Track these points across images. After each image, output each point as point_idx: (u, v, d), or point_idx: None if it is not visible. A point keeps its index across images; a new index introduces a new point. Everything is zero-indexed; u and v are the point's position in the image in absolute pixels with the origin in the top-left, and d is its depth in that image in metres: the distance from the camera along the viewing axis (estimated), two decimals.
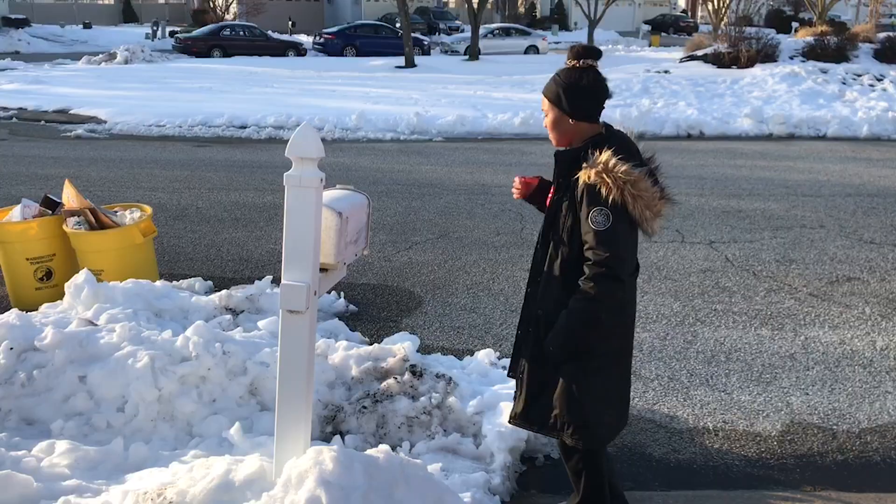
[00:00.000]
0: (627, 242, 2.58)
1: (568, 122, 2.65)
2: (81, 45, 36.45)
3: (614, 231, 2.50)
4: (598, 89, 2.64)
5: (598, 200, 2.50)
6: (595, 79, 2.63)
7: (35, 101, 16.83)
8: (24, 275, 5.30)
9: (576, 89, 2.61)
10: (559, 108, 2.65)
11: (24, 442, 3.36)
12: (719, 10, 35.24)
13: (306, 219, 2.53)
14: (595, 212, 2.50)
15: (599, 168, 2.49)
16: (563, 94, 2.63)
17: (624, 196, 2.48)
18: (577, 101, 2.62)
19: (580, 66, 2.63)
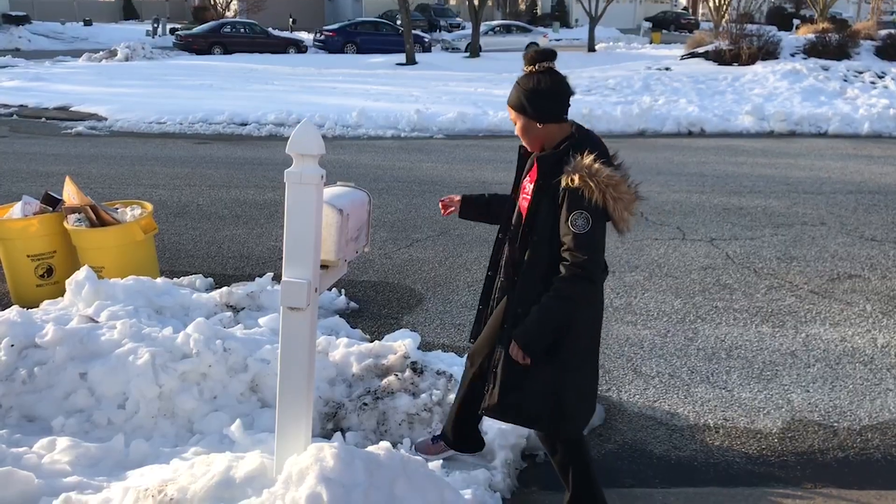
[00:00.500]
0: (602, 245, 2.67)
1: (536, 126, 2.72)
2: (82, 42, 36.46)
3: (593, 235, 2.59)
4: (559, 90, 2.69)
5: (579, 204, 2.57)
6: (554, 80, 2.69)
7: (36, 98, 16.83)
8: (24, 272, 5.30)
9: (537, 93, 2.67)
10: (525, 114, 2.71)
11: (25, 439, 3.37)
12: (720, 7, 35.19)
13: (307, 216, 2.53)
14: (575, 215, 2.57)
15: (584, 173, 2.55)
16: (525, 101, 2.69)
17: (606, 199, 2.56)
18: (540, 104, 2.68)
19: (538, 70, 2.69)
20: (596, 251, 2.62)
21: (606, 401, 4.20)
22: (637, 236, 7.24)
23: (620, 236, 2.78)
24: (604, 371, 4.53)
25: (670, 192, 9.05)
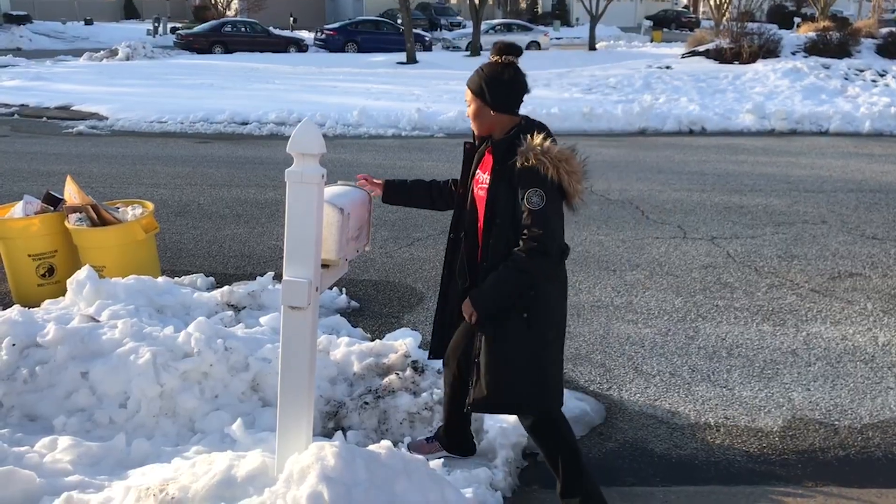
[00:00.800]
0: (559, 221, 2.78)
1: (489, 112, 2.85)
2: (83, 41, 36.47)
3: (547, 211, 2.71)
4: (518, 84, 2.84)
5: (534, 182, 2.70)
6: (515, 73, 2.83)
7: (37, 97, 16.84)
8: (26, 271, 5.30)
9: (497, 82, 2.81)
10: (482, 99, 2.84)
11: (26, 438, 3.37)
12: (721, 6, 35.14)
13: (308, 215, 2.53)
14: (531, 192, 2.70)
15: (537, 151, 2.70)
16: (485, 87, 2.82)
17: (560, 174, 2.70)
18: (498, 93, 2.82)
19: (502, 62, 2.83)
20: (551, 226, 2.72)
21: (607, 399, 4.20)
22: (638, 235, 7.24)
23: (574, 214, 2.90)
24: (605, 370, 4.54)
25: (671, 191, 9.05)
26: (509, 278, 2.77)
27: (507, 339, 2.85)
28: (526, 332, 2.83)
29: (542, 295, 2.84)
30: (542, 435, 3.03)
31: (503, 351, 2.86)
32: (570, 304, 5.49)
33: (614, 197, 8.73)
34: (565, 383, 4.29)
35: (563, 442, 3.02)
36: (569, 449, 3.02)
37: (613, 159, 11.10)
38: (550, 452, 3.04)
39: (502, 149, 2.81)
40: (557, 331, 2.95)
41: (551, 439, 3.02)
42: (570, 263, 6.33)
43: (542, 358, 2.88)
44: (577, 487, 3.04)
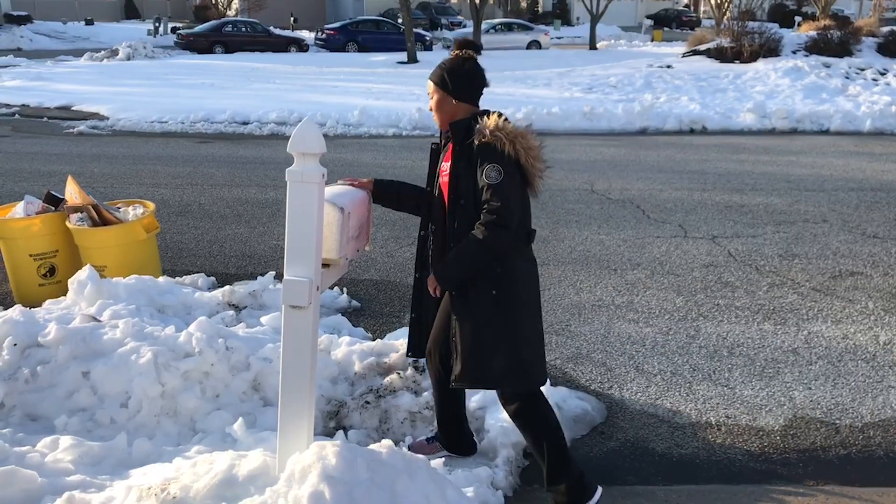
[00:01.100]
0: (517, 195, 2.86)
1: (451, 102, 2.99)
2: (83, 41, 36.49)
3: (505, 185, 2.81)
4: (477, 75, 3.02)
5: (491, 157, 2.83)
6: (475, 66, 3.02)
7: (37, 97, 16.85)
8: (27, 271, 5.31)
9: (458, 73, 2.98)
10: (444, 89, 2.99)
11: (28, 437, 3.37)
12: (722, 5, 35.12)
13: (308, 214, 2.53)
14: (489, 168, 2.82)
15: (492, 127, 2.84)
16: (447, 77, 2.98)
17: (516, 149, 2.82)
18: (459, 82, 2.97)
19: (462, 55, 3.00)
20: (509, 200, 2.81)
21: (609, 398, 4.20)
22: (638, 234, 7.24)
23: (536, 197, 3.00)
24: (606, 369, 4.54)
25: (672, 190, 9.04)
26: (469, 250, 2.86)
27: (477, 317, 2.94)
28: (495, 309, 2.92)
29: (510, 272, 2.92)
30: (525, 420, 3.08)
31: (474, 328, 2.94)
32: (571, 303, 5.53)
33: (615, 196, 8.73)
34: (566, 382, 4.31)
35: (547, 428, 3.07)
36: (553, 435, 3.07)
37: (614, 158, 11.09)
38: (536, 438, 3.08)
39: (461, 128, 2.95)
40: (529, 310, 3.00)
41: (535, 424, 3.07)
42: (570, 263, 6.38)
43: (515, 335, 2.94)
44: (563, 474, 3.08)
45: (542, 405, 3.10)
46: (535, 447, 3.10)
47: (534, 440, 3.09)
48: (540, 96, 17.04)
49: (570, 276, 6.09)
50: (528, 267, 3.02)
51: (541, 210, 8.01)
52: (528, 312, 2.99)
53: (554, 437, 3.07)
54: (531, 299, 3.02)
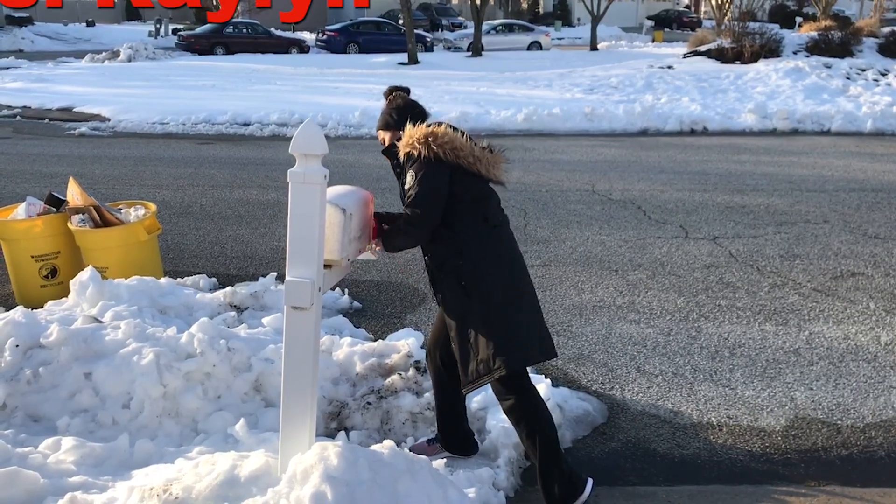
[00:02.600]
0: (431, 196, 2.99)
1: (399, 133, 3.15)
2: (84, 43, 36.52)
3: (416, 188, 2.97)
4: (414, 106, 3.26)
5: (409, 165, 3.03)
6: (408, 101, 3.29)
7: (39, 99, 16.87)
8: (29, 272, 5.31)
9: (396, 109, 3.24)
10: (390, 128, 3.22)
11: (30, 438, 3.38)
12: (723, 6, 35.12)
13: (310, 215, 2.54)
14: (407, 177, 3.04)
15: (406, 139, 3.03)
16: (389, 117, 3.24)
17: (432, 149, 2.97)
18: (400, 116, 3.19)
19: (394, 97, 3.30)
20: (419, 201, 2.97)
21: (610, 399, 4.21)
22: (640, 235, 7.24)
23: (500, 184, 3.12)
24: (607, 369, 4.54)
25: (673, 191, 9.04)
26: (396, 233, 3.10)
27: (457, 311, 3.08)
28: (466, 298, 3.04)
29: (471, 263, 3.05)
30: (518, 414, 3.11)
31: (458, 325, 3.08)
32: (572, 303, 5.53)
33: (616, 197, 8.73)
34: (568, 383, 4.32)
35: (539, 421, 3.10)
36: (545, 429, 3.10)
37: (615, 159, 11.10)
38: (529, 432, 3.10)
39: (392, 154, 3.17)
40: (504, 295, 3.06)
41: (527, 417, 3.09)
42: (571, 263, 6.38)
43: (495, 319, 3.03)
44: (555, 467, 3.10)
45: (534, 399, 3.14)
46: (527, 441, 3.13)
47: (527, 434, 3.11)
48: (541, 97, 17.04)
49: (571, 277, 6.09)
50: (493, 251, 3.09)
51: (542, 211, 8.02)
52: (500, 298, 3.05)
53: (545, 431, 3.10)
54: (502, 282, 3.08)
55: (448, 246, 3.07)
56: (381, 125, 3.27)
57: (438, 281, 3.15)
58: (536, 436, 3.09)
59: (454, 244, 3.06)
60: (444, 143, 2.98)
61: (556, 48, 35.65)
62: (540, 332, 3.15)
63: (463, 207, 3.03)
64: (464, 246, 3.05)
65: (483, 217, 3.08)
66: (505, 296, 3.06)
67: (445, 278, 3.09)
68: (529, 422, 3.10)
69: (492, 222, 3.11)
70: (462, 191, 3.02)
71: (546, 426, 3.12)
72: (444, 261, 3.09)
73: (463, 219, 3.04)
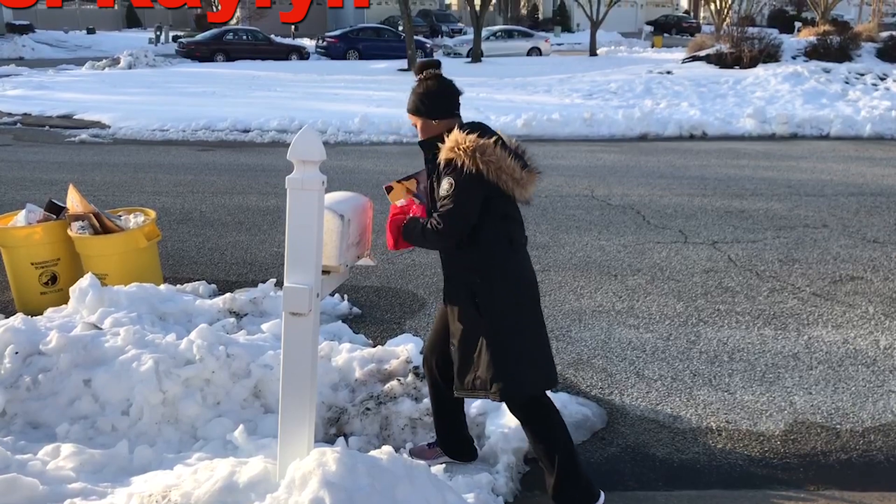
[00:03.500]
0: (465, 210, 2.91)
1: (432, 123, 3.06)
2: (85, 50, 36.53)
3: (453, 198, 2.88)
4: (447, 90, 3.08)
5: (448, 171, 2.90)
6: (441, 83, 3.08)
7: (39, 106, 16.88)
8: (28, 279, 5.32)
9: (428, 95, 3.06)
10: (420, 115, 3.07)
11: (29, 445, 3.38)
12: (722, 11, 35.22)
13: (308, 221, 2.55)
14: (444, 181, 2.91)
15: (451, 144, 2.89)
16: (419, 103, 3.07)
17: (477, 164, 2.85)
18: (432, 104, 3.05)
19: (426, 77, 3.09)
20: (452, 213, 2.89)
21: (609, 404, 4.21)
22: (639, 240, 7.24)
23: (527, 204, 3.04)
24: (606, 374, 4.54)
25: (672, 196, 9.06)
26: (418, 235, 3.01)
27: (465, 326, 3.03)
28: (478, 317, 2.99)
29: (487, 282, 2.98)
30: (533, 430, 3.10)
31: (463, 336, 3.04)
32: (572, 308, 5.53)
33: (615, 202, 8.74)
34: (567, 388, 4.32)
35: (556, 440, 3.06)
36: (564, 448, 3.07)
37: (614, 164, 11.11)
38: (546, 450, 3.07)
39: (429, 147, 3.03)
40: (516, 318, 3.01)
41: (543, 434, 3.07)
42: (570, 268, 6.39)
43: (501, 342, 2.98)
44: (572, 486, 3.07)
45: (550, 415, 3.09)
46: (545, 459, 3.08)
47: (545, 452, 3.07)
48: (540, 102, 17.07)
49: (570, 282, 6.09)
50: (512, 273, 3.02)
51: (541, 216, 8.03)
52: (512, 321, 3.00)
53: (564, 450, 3.06)
54: (517, 306, 3.02)
55: (467, 259, 2.99)
56: (412, 109, 3.10)
57: (451, 290, 3.09)
58: (556, 455, 3.05)
59: (473, 260, 2.98)
60: (490, 161, 2.85)
61: (555, 54, 35.70)
62: (544, 362, 3.08)
63: (490, 224, 2.96)
64: (484, 264, 2.97)
65: (509, 238, 3.01)
66: (516, 321, 3.00)
67: (457, 291, 3.04)
68: (545, 438, 3.07)
69: (515, 244, 3.04)
70: (493, 208, 2.95)
71: (564, 445, 3.07)
72: (460, 273, 3.03)
73: (488, 235, 2.96)
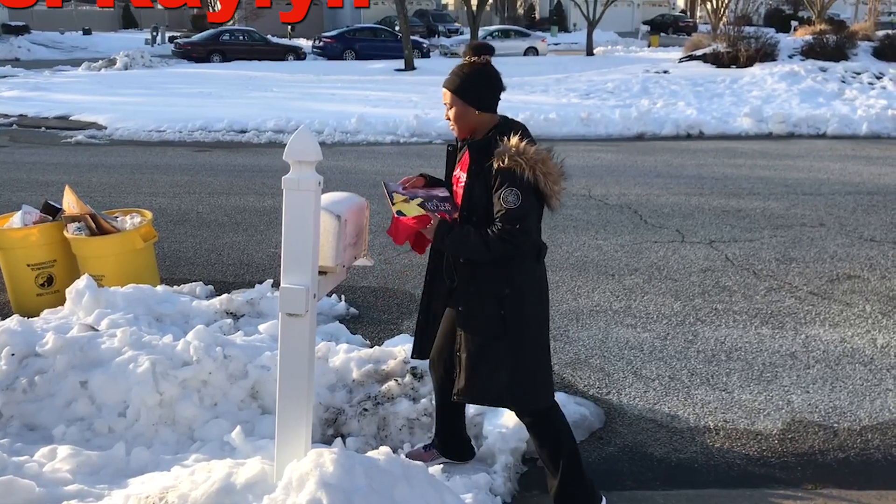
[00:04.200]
0: (532, 219, 2.84)
1: (473, 113, 2.89)
2: (81, 51, 36.50)
3: (522, 209, 2.77)
4: (497, 82, 2.91)
5: (511, 182, 2.75)
6: (493, 72, 2.90)
7: (35, 107, 16.86)
8: (25, 281, 5.31)
9: (479, 82, 2.87)
10: (464, 100, 2.87)
11: (26, 447, 3.37)
12: (718, 10, 35.25)
13: (304, 222, 2.54)
14: (507, 192, 2.76)
15: (512, 152, 2.75)
16: (467, 88, 2.86)
17: (536, 175, 2.75)
18: (481, 92, 2.88)
19: (480, 62, 2.89)
20: (524, 224, 2.79)
21: (607, 404, 4.21)
22: (636, 239, 7.24)
23: (553, 212, 2.95)
24: (604, 374, 4.54)
25: (669, 195, 9.06)
26: (474, 245, 2.83)
27: (485, 335, 2.94)
28: (502, 328, 2.90)
29: (518, 293, 2.90)
30: (538, 435, 3.07)
31: (480, 345, 2.94)
32: (569, 308, 5.53)
33: (612, 201, 8.74)
34: (565, 388, 4.31)
35: (561, 446, 3.04)
36: (569, 454, 3.04)
37: (611, 164, 11.11)
38: (551, 455, 3.05)
39: (479, 148, 2.86)
40: (536, 330, 2.99)
41: (549, 440, 3.05)
42: (568, 268, 6.38)
43: (519, 355, 2.94)
44: (576, 491, 3.06)
45: (558, 419, 3.08)
46: (550, 461, 3.06)
47: (550, 455, 3.06)
48: (537, 102, 17.07)
49: (567, 282, 6.09)
50: (537, 286, 2.99)
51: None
52: (533, 333, 2.97)
53: (570, 453, 3.04)
54: (538, 318, 3.00)
55: (501, 271, 2.88)
56: (457, 90, 2.88)
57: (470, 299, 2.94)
58: (560, 460, 3.03)
59: (506, 272, 2.88)
60: (548, 173, 2.78)
61: (552, 53, 35.70)
62: (550, 377, 3.10)
63: None
64: (515, 277, 2.90)
65: (538, 250, 2.97)
66: (538, 334, 2.99)
67: (482, 302, 2.92)
68: (550, 444, 3.05)
69: (541, 256, 3.01)
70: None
71: (569, 451, 3.05)
72: (488, 285, 2.90)
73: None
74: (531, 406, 3.03)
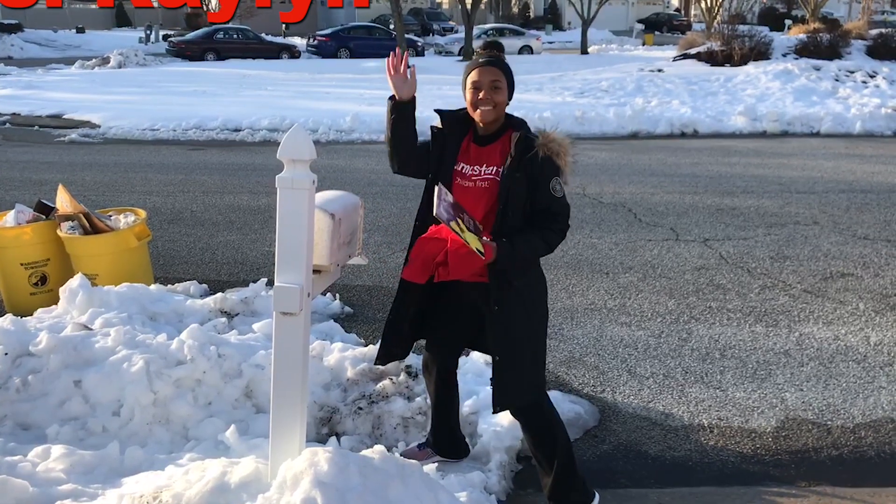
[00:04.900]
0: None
1: (507, 102, 2.99)
2: (74, 49, 36.38)
3: (565, 199, 2.93)
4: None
5: (556, 171, 2.87)
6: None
7: (28, 106, 16.79)
8: (18, 280, 5.29)
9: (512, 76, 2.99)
10: (510, 87, 2.96)
11: (19, 447, 3.36)
12: (712, 9, 35.33)
13: (298, 221, 2.54)
14: (554, 181, 2.88)
15: (553, 143, 2.86)
16: (511, 75, 2.98)
17: (566, 162, 2.91)
18: (512, 83, 3.00)
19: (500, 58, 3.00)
20: (569, 214, 2.98)
21: (601, 402, 4.21)
22: (630, 237, 7.25)
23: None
24: (598, 372, 4.55)
25: (663, 193, 9.07)
26: (538, 251, 2.92)
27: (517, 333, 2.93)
28: (530, 325, 2.98)
29: (542, 286, 3.05)
30: (533, 431, 3.08)
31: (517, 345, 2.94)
32: (564, 306, 5.54)
33: (607, 200, 8.75)
34: (559, 386, 4.33)
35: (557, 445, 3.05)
36: (564, 452, 3.06)
37: (606, 162, 11.12)
38: (546, 454, 3.06)
39: (521, 143, 2.88)
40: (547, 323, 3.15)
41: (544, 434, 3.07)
42: (563, 266, 6.39)
43: (542, 350, 3.08)
44: (570, 489, 3.07)
45: (553, 416, 3.11)
46: (544, 459, 3.07)
47: (544, 452, 3.07)
48: (532, 101, 17.07)
49: (562, 280, 6.10)
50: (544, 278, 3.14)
51: None
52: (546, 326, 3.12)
53: (564, 451, 3.06)
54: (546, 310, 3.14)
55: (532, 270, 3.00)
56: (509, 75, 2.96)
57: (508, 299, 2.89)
58: (555, 460, 3.05)
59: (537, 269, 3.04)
60: (572, 165, 2.94)
61: (546, 52, 35.73)
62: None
63: None
64: (536, 269, 3.04)
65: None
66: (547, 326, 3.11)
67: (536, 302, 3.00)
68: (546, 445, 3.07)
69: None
70: None
71: (563, 446, 3.07)
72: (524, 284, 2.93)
73: None
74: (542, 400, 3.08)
